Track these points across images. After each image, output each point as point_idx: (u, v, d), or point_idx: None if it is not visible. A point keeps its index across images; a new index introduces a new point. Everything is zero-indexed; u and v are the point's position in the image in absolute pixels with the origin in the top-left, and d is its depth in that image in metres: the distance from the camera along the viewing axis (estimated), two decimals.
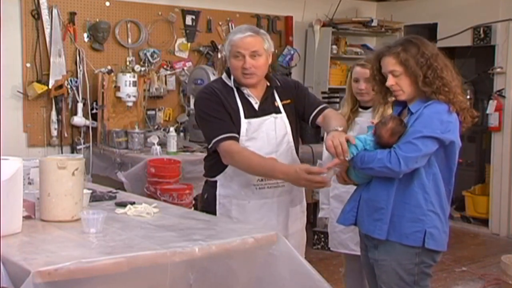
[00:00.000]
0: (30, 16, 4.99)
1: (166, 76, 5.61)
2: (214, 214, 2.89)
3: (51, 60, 5.01)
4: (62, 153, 5.04)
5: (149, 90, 5.42)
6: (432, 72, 2.50)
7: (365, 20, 6.62)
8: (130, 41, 5.47)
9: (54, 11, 5.03)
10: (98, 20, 5.27)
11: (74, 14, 5.15)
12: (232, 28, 5.96)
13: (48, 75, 5.01)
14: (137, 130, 5.07)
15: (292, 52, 6.31)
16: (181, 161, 4.64)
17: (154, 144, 4.87)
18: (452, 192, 2.63)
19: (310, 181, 2.62)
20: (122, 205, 2.77)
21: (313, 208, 5.83)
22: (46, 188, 2.51)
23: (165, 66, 5.62)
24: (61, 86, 5.06)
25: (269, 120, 2.91)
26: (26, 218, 2.46)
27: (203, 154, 3.41)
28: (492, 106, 6.17)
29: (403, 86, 2.54)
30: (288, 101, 2.98)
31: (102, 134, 5.17)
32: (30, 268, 1.88)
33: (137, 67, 5.31)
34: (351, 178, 2.68)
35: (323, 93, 6.38)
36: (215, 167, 2.94)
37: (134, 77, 5.17)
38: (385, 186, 2.56)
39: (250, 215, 2.88)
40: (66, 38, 5.12)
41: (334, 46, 6.51)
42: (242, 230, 2.45)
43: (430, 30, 6.81)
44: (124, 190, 3.51)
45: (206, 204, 2.98)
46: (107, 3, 5.34)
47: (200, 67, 5.53)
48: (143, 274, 2.07)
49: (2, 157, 2.29)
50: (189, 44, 5.77)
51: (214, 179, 2.95)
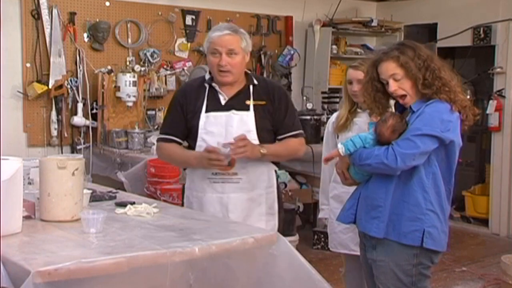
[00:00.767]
0: (30, 16, 4.99)
1: (166, 76, 5.61)
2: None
3: (51, 60, 5.01)
4: (62, 153, 5.04)
5: (149, 90, 5.42)
6: (430, 73, 2.49)
7: (365, 20, 6.62)
8: (130, 41, 5.47)
9: (54, 11, 5.03)
10: (98, 20, 5.27)
11: (74, 14, 5.15)
12: None
13: (48, 75, 5.01)
14: (137, 130, 5.07)
15: (292, 52, 6.31)
16: None
17: (154, 144, 4.86)
18: (452, 191, 2.63)
19: (209, 159, 2.84)
20: (122, 205, 2.77)
21: (313, 208, 5.83)
22: (46, 188, 2.51)
23: (165, 66, 5.62)
24: (61, 86, 5.06)
25: (230, 116, 2.98)
26: (26, 218, 2.46)
27: None
28: (492, 106, 6.17)
29: (406, 89, 2.53)
30: (262, 102, 3.01)
31: (102, 134, 5.18)
32: (30, 268, 1.88)
33: (137, 67, 5.31)
34: (352, 177, 2.69)
35: (323, 93, 6.38)
36: None
37: (134, 77, 5.17)
38: (383, 184, 2.56)
39: (207, 209, 2.97)
40: (66, 38, 5.12)
41: (334, 46, 6.51)
42: (242, 230, 2.45)
43: (430, 30, 6.81)
44: (124, 190, 3.52)
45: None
46: (107, 3, 5.34)
47: (200, 67, 5.53)
48: (143, 274, 2.07)
49: (2, 157, 2.30)
50: (189, 44, 5.77)
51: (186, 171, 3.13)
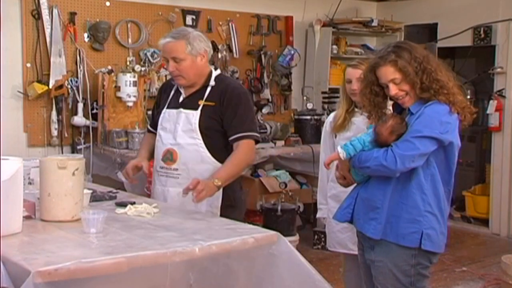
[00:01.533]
0: (30, 16, 4.99)
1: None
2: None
3: (52, 60, 5.01)
4: (62, 153, 5.04)
5: (149, 90, 5.42)
6: (427, 76, 2.48)
7: (365, 20, 6.62)
8: (130, 41, 5.47)
9: (54, 11, 5.02)
10: (98, 20, 5.26)
11: (74, 14, 5.15)
12: (232, 28, 5.97)
13: (48, 75, 5.01)
14: (137, 130, 5.07)
15: (292, 52, 6.31)
16: None
17: None
18: (452, 192, 2.62)
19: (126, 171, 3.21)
20: (122, 205, 2.78)
21: (313, 208, 5.82)
22: (46, 188, 2.52)
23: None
24: (61, 86, 5.05)
25: (178, 113, 3.08)
26: (26, 218, 2.46)
27: None
28: (492, 106, 6.17)
29: (407, 90, 2.53)
30: (212, 103, 3.04)
31: (102, 134, 5.17)
32: (30, 268, 1.89)
33: (137, 67, 5.30)
34: (354, 178, 2.69)
35: (323, 93, 6.38)
36: None
37: (134, 77, 5.17)
38: (382, 185, 2.56)
39: (158, 200, 3.08)
40: (66, 38, 5.12)
41: (334, 46, 6.51)
42: (242, 230, 2.45)
43: (430, 30, 6.81)
44: (124, 190, 3.51)
45: None
46: (107, 3, 5.34)
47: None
48: (143, 274, 2.08)
49: (2, 157, 2.30)
50: None
51: None
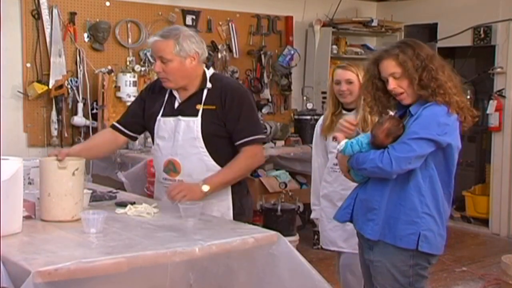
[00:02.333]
0: (30, 16, 4.99)
1: None
2: None
3: (51, 60, 5.01)
4: None
5: None
6: (427, 74, 2.48)
7: (365, 20, 6.62)
8: (130, 41, 5.47)
9: (54, 11, 5.03)
10: (98, 20, 5.27)
11: (74, 14, 5.15)
12: (232, 28, 5.98)
13: (48, 75, 5.01)
14: None
15: (292, 52, 6.31)
16: None
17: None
18: (452, 194, 2.62)
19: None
20: (122, 205, 2.78)
21: None
22: (46, 188, 2.52)
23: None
24: (61, 86, 5.06)
25: (177, 121, 2.88)
26: (26, 218, 2.46)
27: None
28: (492, 106, 6.16)
29: (404, 87, 2.53)
30: (212, 106, 2.86)
31: None
32: (30, 268, 1.89)
33: (137, 67, 5.30)
34: (353, 178, 2.69)
35: (323, 93, 6.36)
36: None
37: (134, 77, 5.17)
38: (379, 186, 2.56)
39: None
40: (66, 38, 5.12)
41: (334, 46, 6.51)
42: (242, 230, 2.45)
43: (430, 30, 6.81)
44: (124, 190, 3.52)
45: None
46: (107, 3, 5.34)
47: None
48: (143, 274, 2.08)
49: (2, 157, 2.30)
50: None
51: None
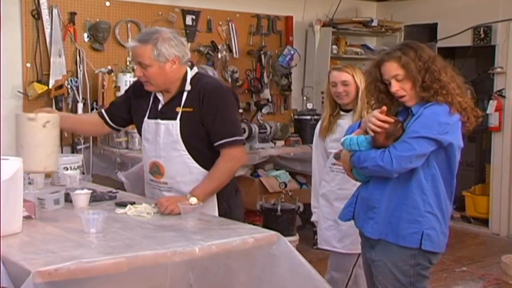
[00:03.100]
0: (30, 16, 4.98)
1: None
2: None
3: (51, 60, 5.01)
4: (62, 153, 5.03)
5: None
6: (429, 75, 2.49)
7: (365, 20, 6.61)
8: (130, 41, 5.45)
9: (54, 11, 5.02)
10: (98, 20, 5.26)
11: (74, 14, 5.15)
12: (232, 28, 5.98)
13: (48, 75, 5.01)
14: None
15: (292, 52, 6.31)
16: None
17: None
18: (454, 193, 2.62)
19: None
20: (122, 205, 2.78)
21: None
22: (19, 140, 2.63)
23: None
24: (61, 86, 5.05)
25: (157, 124, 2.90)
26: (26, 218, 2.46)
27: None
28: (492, 106, 6.16)
29: (406, 90, 2.53)
30: (190, 109, 2.85)
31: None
32: (30, 268, 1.89)
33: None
34: (355, 177, 2.70)
35: (323, 93, 6.35)
36: None
37: (134, 77, 5.16)
38: (380, 185, 2.57)
39: None
40: (66, 38, 5.12)
41: (334, 46, 6.51)
42: (242, 230, 2.45)
43: (430, 30, 6.81)
44: (124, 190, 3.51)
45: None
46: (107, 3, 5.34)
47: (200, 67, 5.52)
48: (143, 274, 2.08)
49: (2, 157, 2.30)
50: (189, 44, 5.76)
51: None
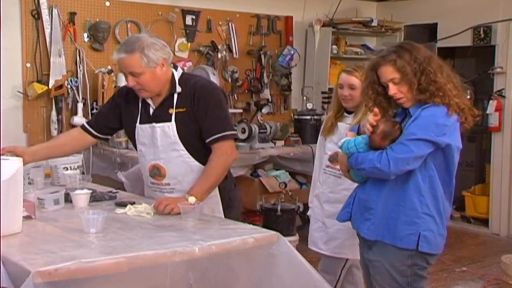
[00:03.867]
0: (30, 16, 4.98)
1: None
2: None
3: (51, 60, 5.01)
4: None
5: None
6: (425, 77, 2.48)
7: (365, 20, 6.61)
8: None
9: (54, 11, 5.02)
10: (98, 20, 5.26)
11: (74, 14, 5.15)
12: (232, 28, 5.97)
13: (48, 75, 5.01)
14: None
15: (292, 52, 6.31)
16: None
17: None
18: (453, 194, 2.62)
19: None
20: (122, 205, 2.78)
21: None
22: None
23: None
24: (61, 86, 5.05)
25: (152, 128, 2.92)
26: (26, 218, 2.46)
27: None
28: (492, 106, 6.16)
29: (404, 92, 2.53)
30: (183, 109, 2.89)
31: None
32: (30, 268, 1.89)
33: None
34: (353, 178, 2.70)
35: (323, 93, 6.38)
36: None
37: None
38: (377, 186, 2.57)
39: None
40: (66, 38, 5.12)
41: (334, 46, 6.51)
42: (242, 230, 2.45)
43: (430, 30, 6.81)
44: (124, 190, 3.51)
45: None
46: (107, 3, 5.34)
47: (200, 67, 5.53)
48: (143, 274, 2.08)
49: (2, 157, 2.30)
50: (189, 44, 5.77)
51: None
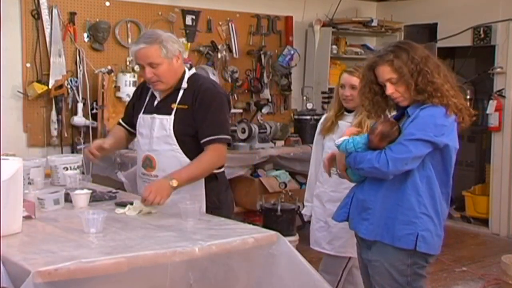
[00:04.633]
0: (30, 16, 4.98)
1: None
2: None
3: (51, 60, 5.01)
4: (62, 153, 5.04)
5: None
6: (422, 78, 2.48)
7: (365, 20, 6.62)
8: (130, 41, 5.46)
9: (54, 11, 5.03)
10: (98, 20, 5.26)
11: (74, 14, 5.15)
12: (232, 28, 5.98)
13: (48, 75, 5.01)
14: None
15: (292, 52, 6.31)
16: None
17: None
18: (450, 194, 2.62)
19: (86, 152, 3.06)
20: (122, 205, 2.78)
21: None
22: None
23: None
24: (61, 86, 5.05)
25: (152, 119, 3.02)
26: (26, 218, 2.46)
27: None
28: (492, 106, 6.17)
29: (401, 92, 2.54)
30: (185, 106, 2.96)
31: (102, 134, 5.17)
32: (30, 268, 1.89)
33: (137, 67, 5.27)
34: (350, 178, 2.70)
35: (323, 93, 6.38)
36: None
37: (134, 77, 5.17)
38: (375, 186, 2.57)
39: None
40: (66, 38, 5.12)
41: (334, 46, 6.51)
42: (242, 230, 2.45)
43: (430, 30, 6.81)
44: (124, 190, 3.52)
45: None
46: (107, 3, 5.34)
47: (200, 67, 5.52)
48: (143, 274, 2.08)
49: (2, 157, 2.30)
50: (189, 44, 5.77)
51: None
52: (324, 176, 3.47)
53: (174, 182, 2.75)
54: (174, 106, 2.97)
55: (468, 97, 6.94)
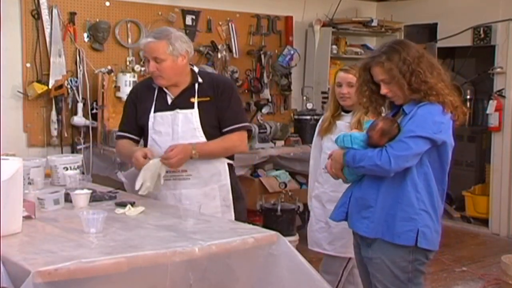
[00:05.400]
0: (30, 16, 4.98)
1: None
2: None
3: (51, 60, 5.01)
4: (62, 153, 5.04)
5: None
6: (415, 78, 2.50)
7: (365, 20, 6.62)
8: (130, 41, 5.46)
9: (54, 11, 5.02)
10: (98, 20, 5.26)
11: (74, 14, 5.15)
12: (232, 28, 5.98)
13: (48, 75, 5.01)
14: None
15: (292, 52, 6.31)
16: None
17: None
18: (445, 191, 2.64)
19: (135, 163, 2.97)
20: (122, 205, 2.78)
21: None
22: None
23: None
24: (61, 86, 5.05)
25: (175, 114, 3.05)
26: (26, 218, 2.46)
27: None
28: (492, 106, 6.16)
29: (395, 91, 2.55)
30: (207, 98, 3.06)
31: (102, 134, 5.17)
32: (30, 268, 1.89)
33: (137, 67, 5.30)
34: (346, 177, 2.69)
35: (323, 93, 6.37)
36: None
37: (134, 77, 5.16)
38: (375, 184, 2.57)
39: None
40: (66, 38, 5.12)
41: (334, 46, 6.51)
42: (242, 230, 2.45)
43: (430, 30, 6.81)
44: (124, 190, 3.51)
45: None
46: (107, 3, 5.34)
47: (200, 67, 5.52)
48: (143, 274, 2.08)
49: (2, 157, 2.30)
50: None
51: None
52: (323, 176, 3.47)
53: (196, 153, 2.89)
54: (194, 100, 3.04)
55: (468, 97, 6.96)
